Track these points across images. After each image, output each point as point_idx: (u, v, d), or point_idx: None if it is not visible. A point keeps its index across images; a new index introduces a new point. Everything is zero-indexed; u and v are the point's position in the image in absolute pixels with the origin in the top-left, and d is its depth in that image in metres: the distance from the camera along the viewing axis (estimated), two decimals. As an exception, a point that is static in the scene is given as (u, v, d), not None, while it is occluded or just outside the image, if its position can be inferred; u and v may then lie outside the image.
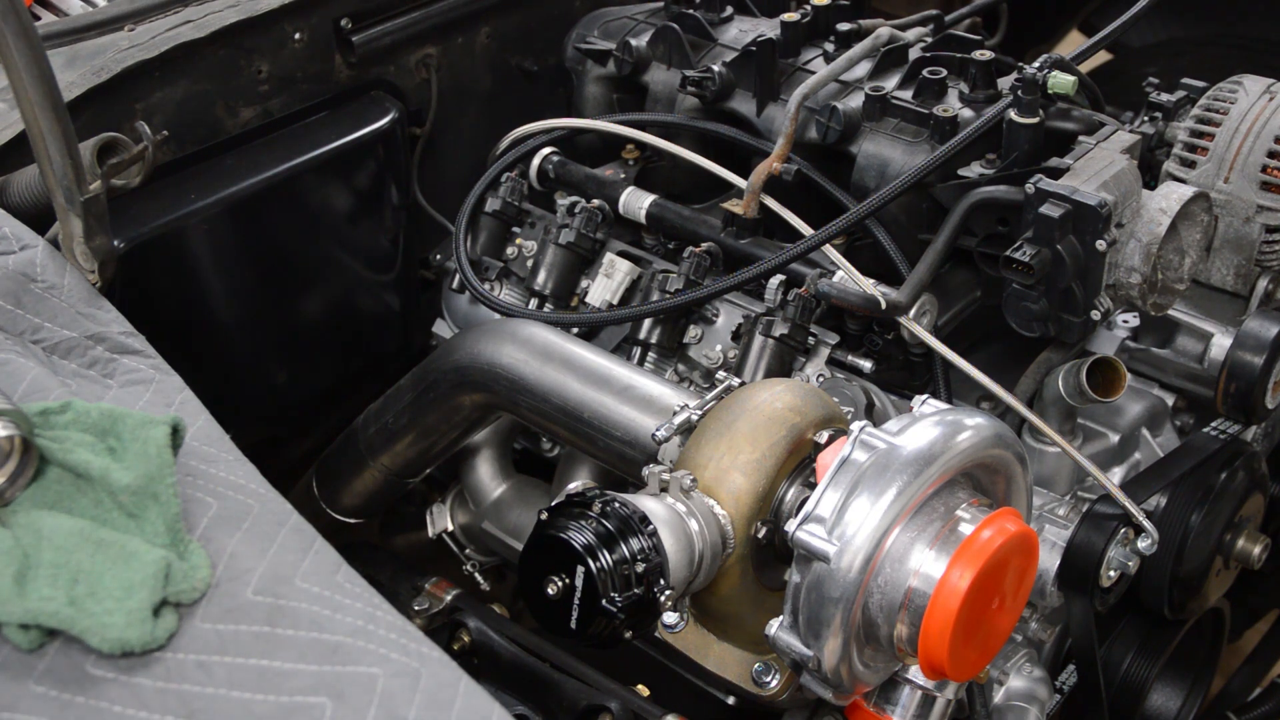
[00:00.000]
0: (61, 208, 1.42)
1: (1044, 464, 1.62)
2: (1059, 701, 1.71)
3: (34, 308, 1.37)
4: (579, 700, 1.55)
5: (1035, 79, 1.60)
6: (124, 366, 1.34)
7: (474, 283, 1.84)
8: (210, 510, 1.16)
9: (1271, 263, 1.68)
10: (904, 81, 1.78)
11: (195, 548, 1.11)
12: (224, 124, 1.89)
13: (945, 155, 1.60)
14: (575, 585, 1.22)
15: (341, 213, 2.01)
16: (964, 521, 1.26)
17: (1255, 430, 1.76)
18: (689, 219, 1.82)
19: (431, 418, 1.71)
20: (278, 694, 0.98)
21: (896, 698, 1.38)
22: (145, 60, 1.74)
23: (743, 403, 1.39)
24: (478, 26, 2.16)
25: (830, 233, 1.60)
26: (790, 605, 1.26)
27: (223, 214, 1.83)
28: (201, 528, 1.14)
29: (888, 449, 1.25)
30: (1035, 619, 1.66)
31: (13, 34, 1.29)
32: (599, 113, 2.03)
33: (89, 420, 1.14)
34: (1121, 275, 1.53)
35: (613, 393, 1.52)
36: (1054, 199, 1.49)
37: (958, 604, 1.20)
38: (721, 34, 1.94)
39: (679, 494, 1.32)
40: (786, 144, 1.72)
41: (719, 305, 1.76)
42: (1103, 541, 1.52)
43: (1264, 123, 1.65)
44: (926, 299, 1.61)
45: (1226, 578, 1.75)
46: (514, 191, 1.93)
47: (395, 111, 2.02)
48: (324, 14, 1.95)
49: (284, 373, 2.04)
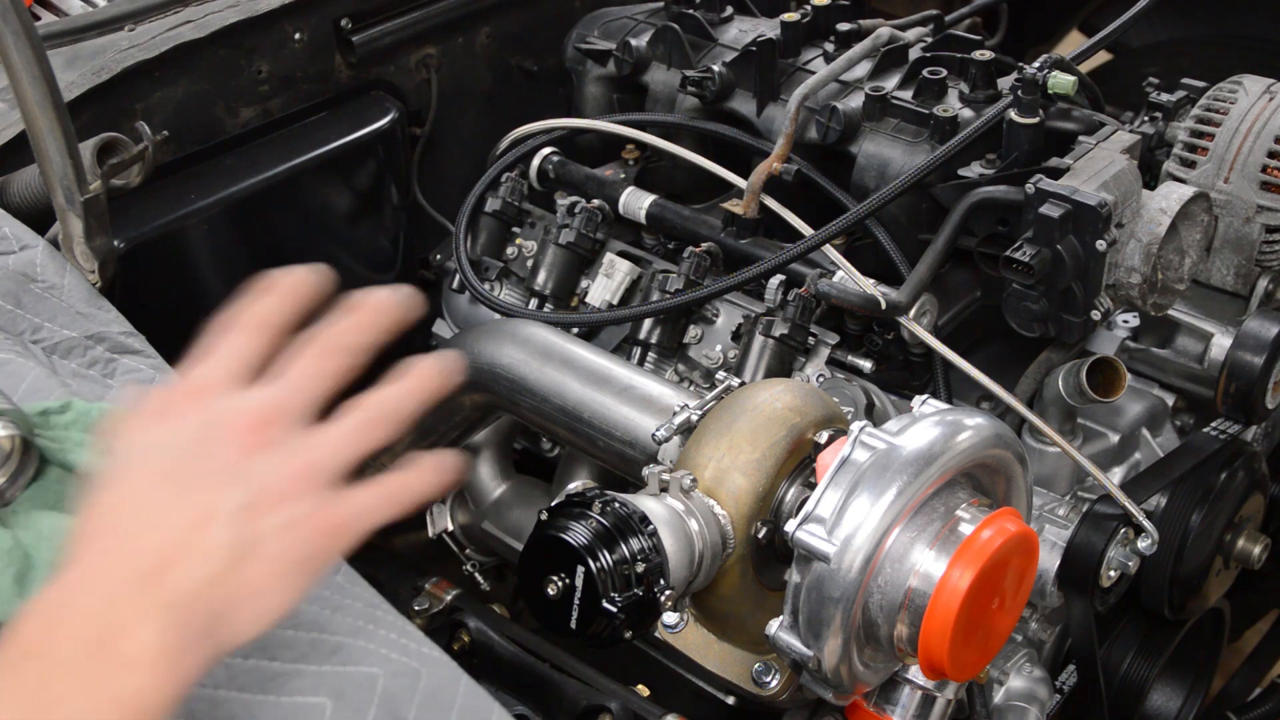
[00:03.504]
0: (61, 208, 1.42)
1: (1044, 464, 1.62)
2: (1059, 701, 1.71)
3: (34, 308, 1.37)
4: (579, 700, 1.55)
5: (1035, 79, 1.60)
6: (124, 366, 1.34)
7: (474, 283, 1.84)
8: (210, 510, 1.16)
9: (1271, 263, 1.68)
10: (904, 81, 1.78)
11: (195, 548, 1.11)
12: (224, 124, 1.88)
13: (945, 155, 1.60)
14: (575, 585, 1.22)
15: (341, 213, 2.01)
16: (964, 521, 1.26)
17: (1255, 430, 1.76)
18: (689, 219, 1.82)
19: (431, 417, 1.71)
20: (278, 694, 0.98)
21: (896, 698, 1.38)
22: (145, 60, 1.74)
23: (743, 403, 1.39)
24: (478, 26, 2.16)
25: (830, 233, 1.60)
26: (790, 605, 1.26)
27: (223, 214, 1.83)
28: (201, 528, 1.14)
29: (888, 449, 1.25)
30: (1035, 619, 1.66)
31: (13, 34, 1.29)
32: (599, 113, 2.03)
33: (89, 420, 1.14)
34: (1121, 275, 1.53)
35: (613, 393, 1.52)
36: (1054, 199, 1.49)
37: (958, 604, 1.20)
38: (721, 34, 1.94)
39: (679, 494, 1.32)
40: (786, 144, 1.72)
41: (719, 305, 1.76)
42: (1103, 541, 1.52)
43: (1264, 123, 1.65)
44: (926, 299, 1.61)
45: (1226, 578, 1.75)
46: (514, 191, 1.93)
47: (395, 111, 2.02)
48: (324, 14, 1.94)
49: (284, 373, 2.03)
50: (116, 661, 0.71)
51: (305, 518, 0.80)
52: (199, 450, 0.80)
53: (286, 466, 0.81)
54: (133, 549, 0.75)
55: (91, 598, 0.73)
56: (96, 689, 0.70)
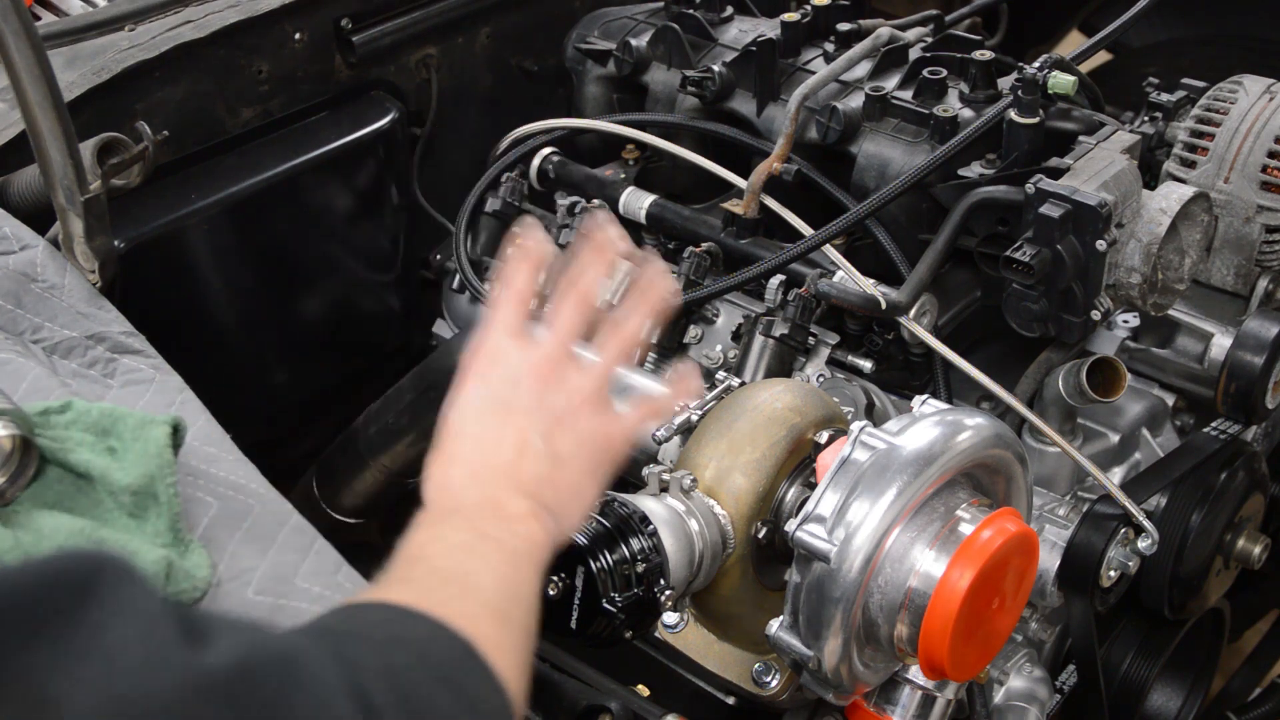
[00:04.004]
0: (62, 208, 1.42)
1: (1044, 464, 1.62)
2: (1059, 701, 1.71)
3: (34, 308, 1.37)
4: (579, 700, 1.55)
5: (1035, 79, 1.60)
6: (124, 366, 1.34)
7: (474, 283, 1.84)
8: (211, 510, 1.16)
9: (1271, 263, 1.68)
10: (904, 81, 1.78)
11: (196, 547, 1.11)
12: (224, 124, 1.88)
13: (945, 155, 1.60)
14: (575, 585, 1.22)
15: (341, 213, 2.01)
16: (964, 521, 1.26)
17: (1255, 430, 1.76)
18: (689, 219, 1.82)
19: (432, 418, 1.69)
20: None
21: (896, 698, 1.38)
22: (145, 60, 1.74)
23: (743, 403, 1.39)
24: (478, 26, 2.16)
25: (830, 233, 1.60)
26: (790, 605, 1.26)
27: (223, 214, 1.83)
28: (202, 527, 1.14)
29: (888, 449, 1.25)
30: (1035, 619, 1.66)
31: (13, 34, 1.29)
32: (599, 113, 2.03)
33: (89, 420, 1.14)
34: (1121, 275, 1.53)
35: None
36: (1054, 199, 1.49)
37: (958, 604, 1.20)
38: (721, 34, 1.94)
39: (679, 494, 1.32)
40: (786, 144, 1.72)
41: (719, 305, 1.76)
42: (1103, 541, 1.52)
43: (1264, 123, 1.65)
44: (926, 299, 1.61)
45: (1226, 578, 1.75)
46: (514, 191, 1.93)
47: (395, 111, 2.02)
48: (324, 14, 1.94)
49: (284, 373, 2.04)
50: (507, 517, 0.98)
51: (593, 432, 1.07)
52: (512, 390, 1.07)
53: (572, 397, 1.07)
54: (489, 454, 1.03)
55: (476, 483, 1.01)
56: (504, 529, 0.96)
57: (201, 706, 0.62)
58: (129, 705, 0.60)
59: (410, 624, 0.81)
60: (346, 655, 0.73)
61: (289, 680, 0.67)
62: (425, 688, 0.76)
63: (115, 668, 0.60)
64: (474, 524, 0.96)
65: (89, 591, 0.62)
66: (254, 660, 0.67)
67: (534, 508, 1.00)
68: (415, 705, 0.74)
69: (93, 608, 0.61)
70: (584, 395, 1.08)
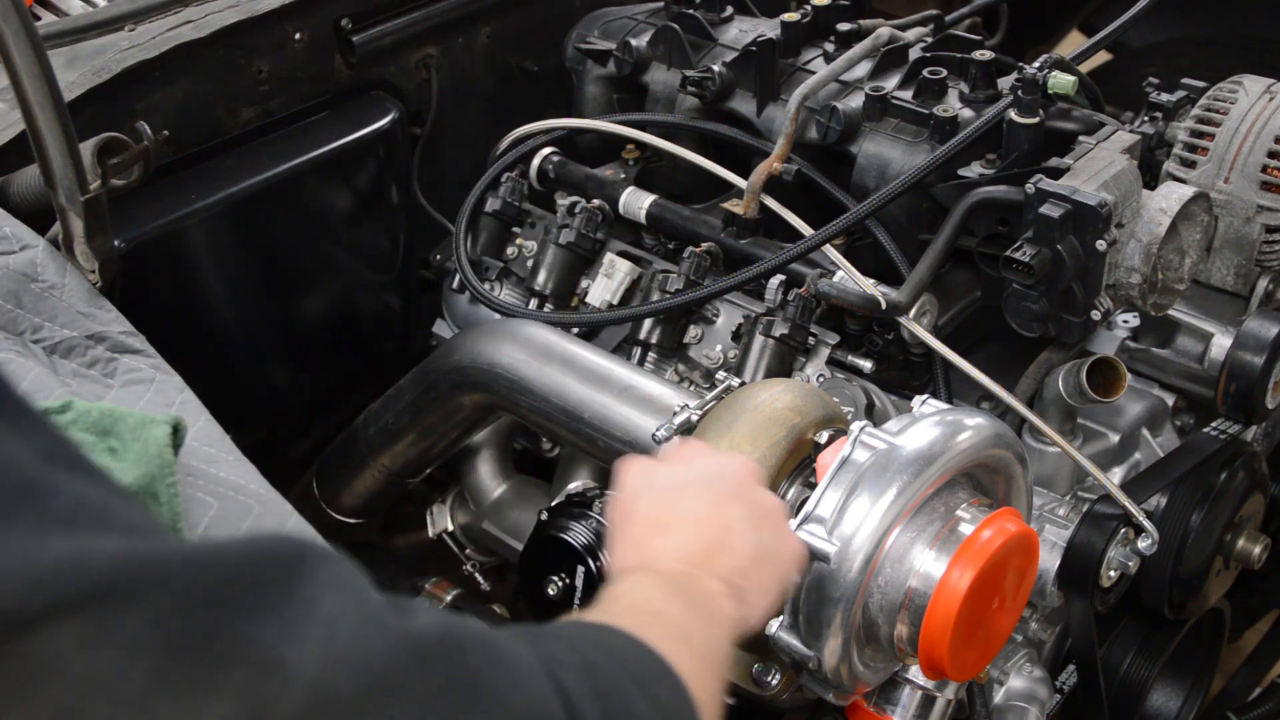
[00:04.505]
0: (62, 208, 1.42)
1: (1044, 464, 1.62)
2: (1059, 701, 1.71)
3: (34, 307, 1.37)
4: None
5: (1035, 79, 1.60)
6: (124, 366, 1.34)
7: (474, 283, 1.84)
8: (211, 510, 1.16)
9: (1271, 263, 1.68)
10: (904, 81, 1.78)
11: (196, 548, 1.10)
12: (224, 124, 1.88)
13: (945, 155, 1.60)
14: (575, 585, 1.22)
15: (341, 213, 2.01)
16: (964, 521, 1.26)
17: (1255, 430, 1.76)
18: (689, 219, 1.82)
19: (432, 418, 1.71)
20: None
21: (896, 698, 1.38)
22: (145, 60, 1.74)
23: (743, 403, 1.39)
24: (478, 26, 2.16)
25: (830, 233, 1.60)
26: (790, 605, 1.26)
27: (223, 214, 1.83)
28: (202, 528, 1.14)
29: (888, 449, 1.25)
30: (1035, 619, 1.66)
31: (13, 34, 1.29)
32: (599, 113, 2.03)
33: (89, 420, 1.14)
34: (1121, 275, 1.53)
35: (613, 393, 1.52)
36: (1054, 199, 1.49)
37: (958, 604, 1.20)
38: (721, 34, 1.94)
39: (679, 494, 1.31)
40: (786, 144, 1.72)
41: (719, 305, 1.76)
42: (1103, 541, 1.52)
43: (1264, 123, 1.65)
44: (926, 299, 1.61)
45: (1226, 578, 1.75)
46: (514, 191, 1.93)
47: (395, 111, 2.02)
48: (324, 14, 1.94)
49: (284, 373, 2.04)
50: (705, 588, 1.01)
51: (783, 542, 1.12)
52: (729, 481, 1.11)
53: (769, 503, 1.13)
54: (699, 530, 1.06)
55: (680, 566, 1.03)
56: (701, 596, 1.00)
57: (417, 665, 0.68)
58: (351, 665, 0.65)
59: (606, 635, 0.84)
60: (542, 648, 0.76)
61: (490, 655, 0.72)
62: (621, 687, 0.78)
63: (335, 631, 0.65)
64: (673, 584, 0.99)
65: (299, 570, 0.66)
66: (459, 633, 0.72)
67: (728, 589, 1.02)
68: (610, 701, 0.76)
69: (305, 583, 0.66)
70: (778, 508, 1.14)
